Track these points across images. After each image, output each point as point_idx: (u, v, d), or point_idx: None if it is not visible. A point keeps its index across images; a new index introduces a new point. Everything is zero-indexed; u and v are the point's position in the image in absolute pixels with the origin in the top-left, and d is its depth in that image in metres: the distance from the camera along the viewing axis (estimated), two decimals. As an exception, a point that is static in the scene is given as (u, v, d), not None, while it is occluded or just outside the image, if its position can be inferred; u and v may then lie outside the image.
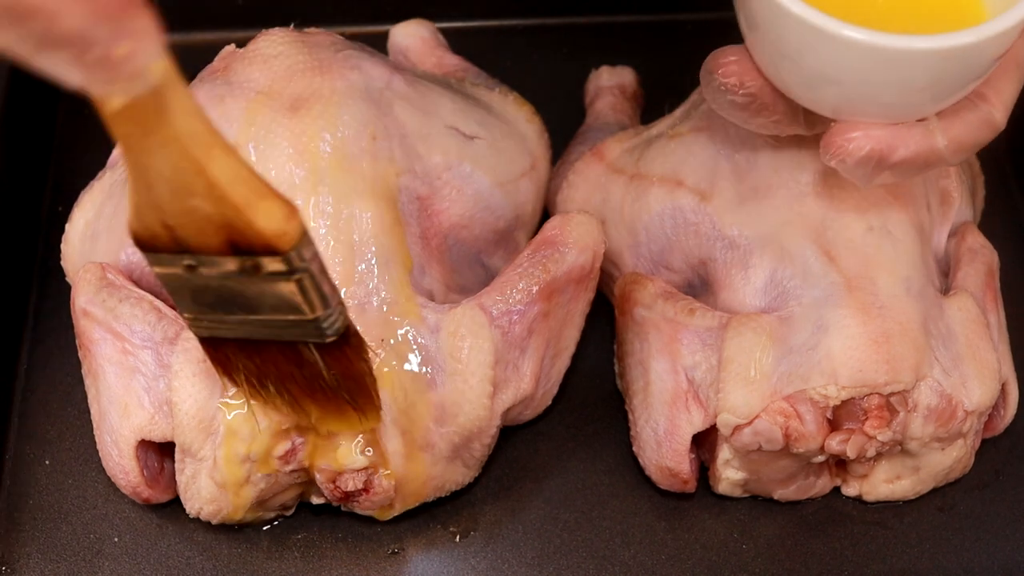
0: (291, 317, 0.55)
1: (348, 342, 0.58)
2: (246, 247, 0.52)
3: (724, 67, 0.63)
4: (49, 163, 0.85)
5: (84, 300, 0.69)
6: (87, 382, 0.71)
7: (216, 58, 0.75)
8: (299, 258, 0.53)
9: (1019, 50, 0.62)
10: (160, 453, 0.70)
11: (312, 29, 0.76)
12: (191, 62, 0.80)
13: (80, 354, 0.71)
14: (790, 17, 0.58)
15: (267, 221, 0.51)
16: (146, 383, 0.68)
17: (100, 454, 0.70)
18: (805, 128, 0.65)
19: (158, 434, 0.68)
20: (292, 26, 0.76)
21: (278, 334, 0.57)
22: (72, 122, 0.88)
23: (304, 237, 0.53)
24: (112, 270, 0.70)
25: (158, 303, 0.68)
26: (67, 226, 0.75)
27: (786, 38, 0.59)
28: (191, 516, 0.69)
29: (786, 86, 0.62)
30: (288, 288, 0.54)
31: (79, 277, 0.70)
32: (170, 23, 0.89)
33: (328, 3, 0.90)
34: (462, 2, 0.90)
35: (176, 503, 0.71)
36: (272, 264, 0.52)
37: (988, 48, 0.58)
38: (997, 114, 0.62)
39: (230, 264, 0.53)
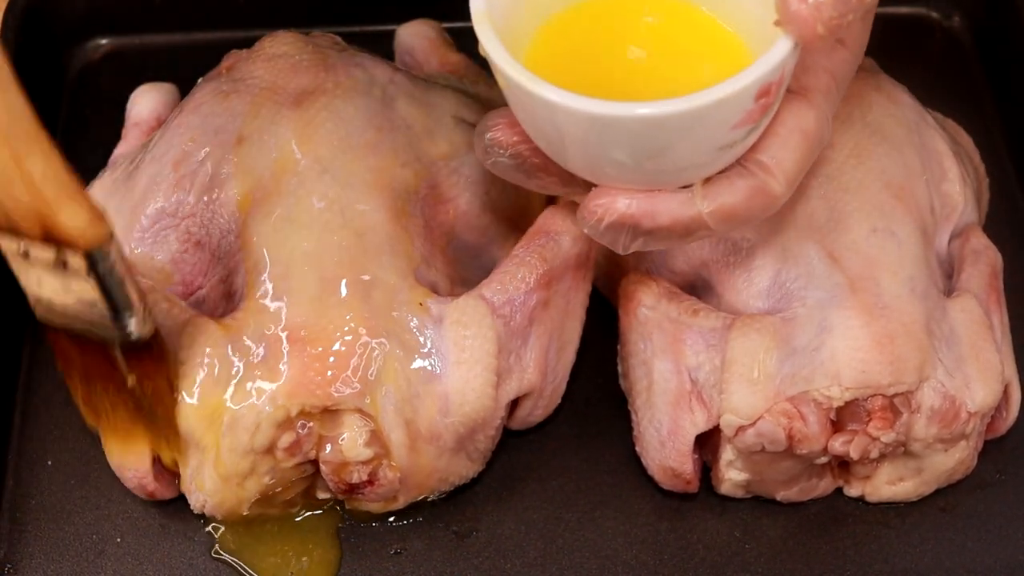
0: (98, 315, 0.60)
1: (151, 351, 0.63)
2: (55, 240, 0.57)
3: (493, 129, 0.62)
4: (50, 162, 0.85)
5: (87, 300, 0.69)
6: (90, 381, 0.71)
7: (222, 61, 0.77)
8: (101, 259, 0.58)
9: (801, 118, 0.59)
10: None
11: (315, 33, 0.77)
12: (191, 62, 0.81)
13: (83, 354, 0.71)
14: (508, 80, 0.57)
15: (70, 219, 0.56)
16: (149, 378, 0.68)
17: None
18: (584, 191, 0.61)
19: (163, 428, 0.68)
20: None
21: (89, 330, 0.62)
22: (72, 122, 0.88)
23: (109, 243, 0.58)
24: (114, 270, 0.70)
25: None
26: (68, 225, 0.75)
27: (515, 103, 0.58)
28: (195, 511, 0.69)
29: (545, 150, 0.61)
30: (90, 286, 0.59)
31: (81, 277, 0.70)
32: (170, 23, 0.91)
33: (330, 3, 0.89)
34: (466, 2, 0.90)
35: (179, 503, 0.71)
36: (75, 260, 0.58)
37: (702, 117, 0.54)
38: (774, 183, 0.59)
39: (47, 253, 0.58)
